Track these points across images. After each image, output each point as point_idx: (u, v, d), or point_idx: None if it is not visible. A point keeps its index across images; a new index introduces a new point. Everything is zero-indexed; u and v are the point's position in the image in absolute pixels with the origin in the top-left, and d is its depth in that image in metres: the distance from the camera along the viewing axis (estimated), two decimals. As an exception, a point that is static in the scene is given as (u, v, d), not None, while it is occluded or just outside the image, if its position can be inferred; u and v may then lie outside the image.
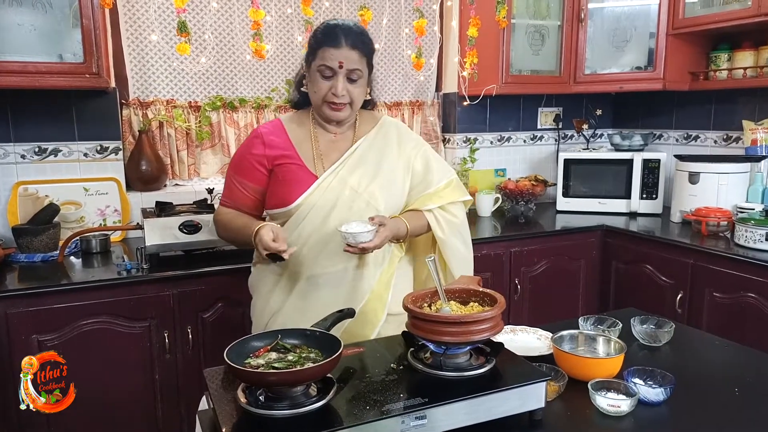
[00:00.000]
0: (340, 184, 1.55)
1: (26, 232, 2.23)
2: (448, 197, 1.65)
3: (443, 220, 1.64)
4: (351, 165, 1.57)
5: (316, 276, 1.54)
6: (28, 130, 2.39)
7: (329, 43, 1.48)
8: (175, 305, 2.06)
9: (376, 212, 1.55)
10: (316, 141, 1.59)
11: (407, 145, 1.65)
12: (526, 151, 3.46)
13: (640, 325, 1.55)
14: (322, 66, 1.49)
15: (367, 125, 1.65)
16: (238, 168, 1.61)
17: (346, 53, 1.48)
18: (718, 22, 2.64)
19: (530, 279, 2.73)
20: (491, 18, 2.80)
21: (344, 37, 1.48)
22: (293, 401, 1.04)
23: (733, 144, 2.99)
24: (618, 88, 3.06)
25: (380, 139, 1.63)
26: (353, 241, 1.43)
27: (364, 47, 1.52)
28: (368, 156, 1.60)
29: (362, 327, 1.56)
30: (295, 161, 1.56)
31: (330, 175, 1.55)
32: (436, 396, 1.06)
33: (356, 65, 1.51)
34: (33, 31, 2.11)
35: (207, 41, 2.69)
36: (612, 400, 1.18)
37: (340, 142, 1.62)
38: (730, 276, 2.29)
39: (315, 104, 1.56)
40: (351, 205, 1.54)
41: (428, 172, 1.66)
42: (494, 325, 1.18)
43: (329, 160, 1.58)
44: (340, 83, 1.50)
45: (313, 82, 1.53)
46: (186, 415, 2.12)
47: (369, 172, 1.58)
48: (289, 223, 1.54)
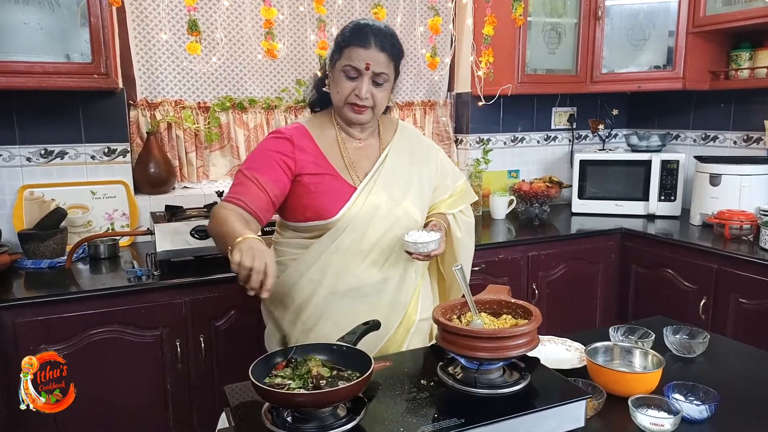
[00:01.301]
0: (378, 194, 1.50)
1: (33, 238, 2.18)
2: (462, 201, 1.70)
3: (461, 221, 1.69)
4: (385, 174, 1.53)
5: (354, 289, 1.48)
6: (33, 132, 2.34)
7: (357, 42, 1.42)
8: (187, 313, 2.01)
9: (414, 222, 1.54)
10: (344, 149, 1.53)
11: (427, 152, 1.65)
12: (539, 151, 3.40)
13: (673, 336, 1.50)
14: (347, 66, 1.43)
15: (389, 132, 1.62)
16: (257, 163, 1.44)
17: (374, 55, 1.42)
18: (741, 20, 2.57)
19: (548, 284, 2.67)
20: (507, 16, 2.74)
21: (374, 38, 1.42)
22: (321, 422, 0.99)
23: (753, 145, 2.92)
24: (636, 87, 2.99)
25: (404, 145, 1.60)
26: (424, 251, 1.43)
27: (393, 50, 1.46)
28: (398, 164, 1.56)
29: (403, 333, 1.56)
30: (329, 171, 1.49)
31: (368, 185, 1.50)
32: (472, 417, 1.01)
33: (383, 69, 1.44)
34: (40, 31, 2.05)
35: (217, 40, 2.63)
36: (654, 418, 1.12)
37: (367, 149, 1.56)
38: (757, 281, 2.22)
39: (336, 105, 1.50)
40: (389, 215, 1.50)
41: (445, 177, 1.67)
42: (530, 339, 1.12)
43: (362, 170, 1.53)
44: (364, 85, 1.44)
45: (336, 81, 1.46)
46: (198, 426, 2.07)
47: (402, 180, 1.55)
48: (325, 237, 1.47)
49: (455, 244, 1.66)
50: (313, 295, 1.48)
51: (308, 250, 1.49)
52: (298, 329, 1.50)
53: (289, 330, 1.51)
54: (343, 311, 1.47)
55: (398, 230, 1.49)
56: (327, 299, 1.48)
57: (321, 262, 1.47)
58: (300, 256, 1.50)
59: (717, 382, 1.27)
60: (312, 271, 1.47)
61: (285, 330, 1.52)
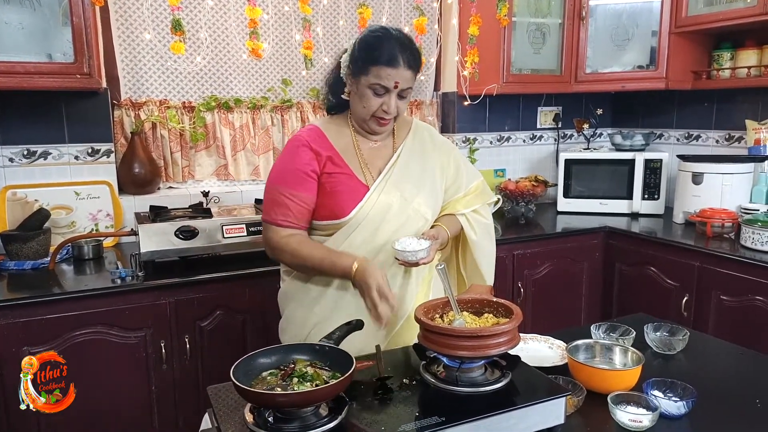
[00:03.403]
0: (390, 193, 1.52)
1: (15, 239, 2.16)
2: (477, 200, 1.68)
3: (475, 222, 1.66)
4: (398, 173, 1.54)
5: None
6: (15, 132, 2.31)
7: (386, 62, 1.42)
8: (171, 314, 2.00)
9: (425, 221, 1.55)
10: (359, 149, 1.55)
11: (441, 149, 1.65)
12: (525, 151, 3.42)
13: (653, 333, 1.51)
14: (376, 84, 1.44)
15: (403, 130, 1.63)
16: (289, 180, 1.49)
17: (403, 73, 1.44)
18: (722, 21, 2.60)
19: (533, 282, 2.69)
20: (492, 16, 2.75)
21: (401, 56, 1.43)
22: (304, 422, 0.99)
23: (735, 144, 2.96)
24: (620, 87, 3.02)
25: (417, 144, 1.61)
26: (413, 259, 1.42)
27: (417, 65, 1.48)
28: (410, 163, 1.57)
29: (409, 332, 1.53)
30: (344, 170, 1.51)
31: (380, 183, 1.52)
32: (453, 415, 1.02)
33: (409, 84, 1.47)
34: (21, 30, 2.03)
35: (202, 40, 2.62)
36: (633, 414, 1.14)
37: (381, 149, 1.58)
38: (738, 279, 2.26)
39: (361, 117, 1.51)
40: (401, 214, 1.52)
41: (459, 175, 1.66)
42: (511, 338, 1.13)
43: (375, 169, 1.55)
44: (393, 101, 1.46)
45: (363, 97, 1.47)
46: (184, 427, 2.06)
47: (414, 179, 1.56)
48: (338, 234, 1.50)
49: (471, 246, 1.65)
50: (325, 290, 1.52)
51: None
52: (311, 323, 1.52)
53: (302, 324, 1.54)
54: (354, 306, 1.47)
55: (409, 229, 1.51)
56: (339, 295, 1.51)
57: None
58: None
59: (695, 378, 1.29)
60: None
61: (298, 324, 1.54)
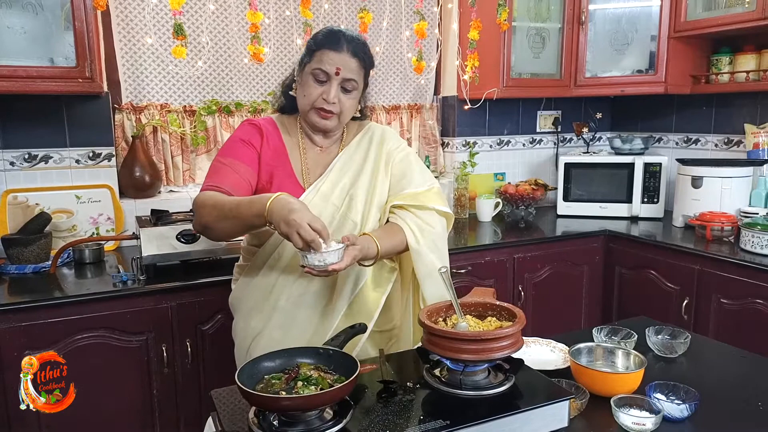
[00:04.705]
0: (323, 200, 1.46)
1: (16, 243, 2.16)
2: (421, 204, 1.49)
3: (416, 227, 1.46)
4: (332, 180, 1.49)
5: (296, 296, 1.46)
6: (17, 136, 2.32)
7: (330, 46, 1.41)
8: (173, 318, 2.00)
9: (354, 225, 1.46)
10: (304, 152, 1.52)
11: (389, 144, 1.55)
12: (525, 154, 3.43)
13: (655, 336, 1.52)
14: (317, 69, 1.41)
15: (351, 136, 1.58)
16: (228, 148, 1.46)
17: (346, 60, 1.41)
18: (721, 25, 2.62)
19: (534, 285, 2.69)
20: (492, 21, 2.76)
21: (346, 43, 1.41)
22: (308, 425, 0.99)
23: (734, 148, 2.97)
24: (619, 91, 3.04)
25: (365, 143, 1.55)
26: (320, 263, 1.22)
27: (365, 57, 1.45)
28: (347, 168, 1.51)
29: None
30: (286, 168, 1.48)
31: (312, 191, 1.47)
32: (457, 418, 1.02)
33: (353, 75, 1.43)
34: (23, 34, 2.04)
35: (203, 44, 2.63)
36: (636, 417, 1.14)
37: (324, 156, 1.54)
38: (738, 282, 2.26)
39: (302, 109, 1.47)
40: (332, 220, 1.46)
41: (409, 172, 1.53)
42: (515, 341, 1.14)
43: (314, 176, 1.51)
44: (333, 89, 1.42)
45: (304, 85, 1.44)
46: (185, 429, 2.05)
47: (350, 178, 1.50)
48: (271, 240, 1.45)
49: (413, 256, 1.46)
50: (261, 301, 1.47)
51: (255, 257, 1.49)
52: (249, 336, 1.49)
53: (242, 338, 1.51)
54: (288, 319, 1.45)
55: (341, 236, 1.36)
56: (270, 306, 1.46)
57: (266, 269, 1.46)
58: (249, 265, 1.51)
59: (698, 381, 1.30)
60: (258, 278, 1.47)
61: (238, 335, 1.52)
